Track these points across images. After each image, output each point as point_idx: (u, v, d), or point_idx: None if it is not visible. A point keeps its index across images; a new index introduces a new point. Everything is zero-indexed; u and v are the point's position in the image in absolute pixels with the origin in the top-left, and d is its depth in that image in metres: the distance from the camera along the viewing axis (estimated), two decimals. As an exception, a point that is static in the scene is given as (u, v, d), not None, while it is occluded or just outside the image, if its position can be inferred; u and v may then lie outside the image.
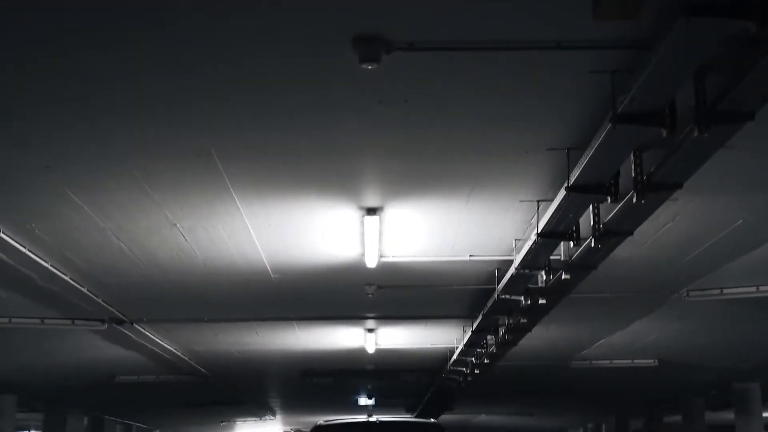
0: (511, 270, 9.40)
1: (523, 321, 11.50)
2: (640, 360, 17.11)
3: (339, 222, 8.57)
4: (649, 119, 5.42)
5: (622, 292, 11.56)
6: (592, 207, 7.59)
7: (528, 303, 10.30)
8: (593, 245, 7.82)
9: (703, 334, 14.68)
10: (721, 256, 9.75)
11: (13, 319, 12.37)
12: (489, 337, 13.70)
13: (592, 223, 7.67)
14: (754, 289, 11.16)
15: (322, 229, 8.84)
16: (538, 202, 7.93)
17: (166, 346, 15.09)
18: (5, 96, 5.90)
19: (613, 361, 17.30)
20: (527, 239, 8.66)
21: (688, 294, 11.49)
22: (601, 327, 14.25)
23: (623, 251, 9.07)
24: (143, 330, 13.65)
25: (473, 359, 15.35)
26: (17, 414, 24.00)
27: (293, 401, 25.34)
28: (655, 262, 10.07)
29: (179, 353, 15.94)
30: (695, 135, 5.40)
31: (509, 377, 19.12)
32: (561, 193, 6.96)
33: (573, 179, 6.61)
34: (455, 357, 15.68)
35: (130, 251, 9.37)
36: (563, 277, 9.00)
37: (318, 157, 7.01)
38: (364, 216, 8.25)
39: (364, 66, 5.10)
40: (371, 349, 15.62)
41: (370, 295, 11.26)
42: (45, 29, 5.07)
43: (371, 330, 14.44)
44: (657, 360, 17.06)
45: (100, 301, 11.59)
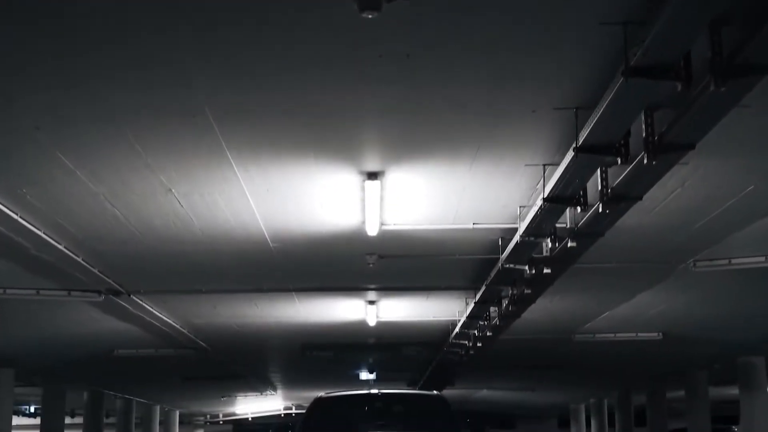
0: (516, 238, 9.17)
1: (527, 292, 11.28)
2: (644, 333, 16.91)
3: (339, 188, 8.33)
4: (663, 72, 5.18)
5: (628, 262, 11.34)
6: (600, 171, 7.34)
7: (532, 273, 10.08)
8: (601, 210, 7.58)
9: (709, 306, 14.48)
10: (731, 223, 9.52)
11: (8, 290, 12.15)
12: (492, 309, 13.50)
13: (600, 188, 7.43)
14: (762, 259, 10.93)
15: (321, 196, 8.61)
16: (544, 166, 7.69)
17: (164, 318, 14.88)
18: (-10, 53, 5.67)
19: (617, 335, 17.10)
20: (532, 206, 8.43)
21: (695, 264, 11.26)
22: (606, 299, 14.04)
23: (631, 219, 8.84)
24: (141, 302, 13.44)
25: (476, 332, 15.15)
26: (16, 388, 23.93)
27: (294, 376, 25.18)
28: (663, 230, 9.84)
29: (178, 326, 15.74)
30: (711, 89, 5.16)
31: (511, 351, 18.94)
32: (569, 155, 6.72)
33: (581, 139, 6.37)
34: (457, 330, 15.49)
35: (124, 218, 9.14)
36: (569, 245, 8.77)
37: (316, 118, 6.77)
38: (364, 181, 8.00)
39: (364, 15, 4.84)
40: (372, 322, 15.41)
41: (371, 265, 11.02)
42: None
43: (372, 302, 14.22)
44: (661, 333, 16.86)
45: (95, 272, 11.37)
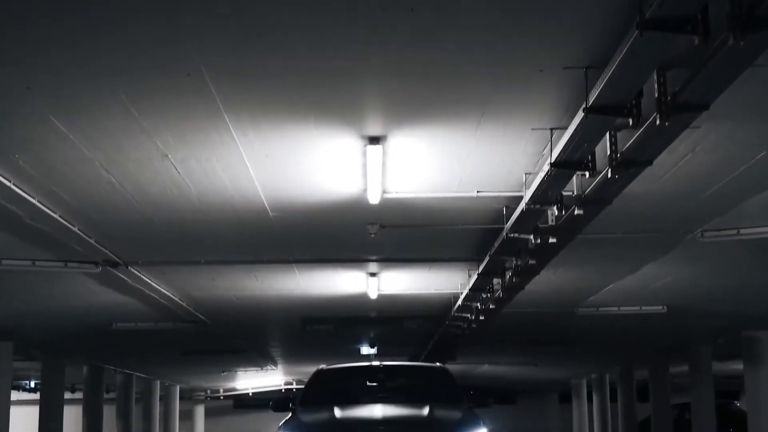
0: (521, 206, 8.95)
1: (532, 263, 11.07)
2: (648, 306, 16.73)
3: (340, 153, 8.10)
4: (680, 26, 4.96)
5: (634, 232, 11.14)
6: (609, 135, 7.13)
7: (537, 242, 9.88)
8: (610, 176, 7.36)
9: (716, 278, 14.28)
10: (741, 191, 9.30)
11: (3, 261, 11.94)
12: (495, 281, 13.31)
13: (609, 152, 7.22)
14: (771, 229, 10.73)
15: (322, 162, 8.38)
16: (551, 130, 7.47)
17: (162, 291, 14.69)
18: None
19: (621, 308, 16.92)
20: (539, 172, 8.21)
21: (702, 234, 11.06)
22: (611, 271, 13.84)
23: (639, 186, 8.64)
24: (138, 273, 13.24)
25: (478, 305, 14.97)
26: (15, 363, 23.79)
27: (294, 350, 25.04)
28: (672, 198, 9.62)
29: (176, 299, 15.55)
30: (730, 43, 4.92)
31: (514, 325, 18.79)
32: (578, 117, 6.50)
33: (592, 100, 6.15)
34: (460, 303, 15.30)
35: (120, 186, 8.92)
36: (576, 213, 8.54)
37: (316, 78, 6.52)
38: (366, 145, 7.77)
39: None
40: (373, 295, 15.21)
41: (372, 235, 10.81)
42: None
43: (374, 274, 14.02)
44: (666, 306, 16.68)
45: (92, 242, 11.17)
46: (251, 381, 33.93)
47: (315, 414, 8.94)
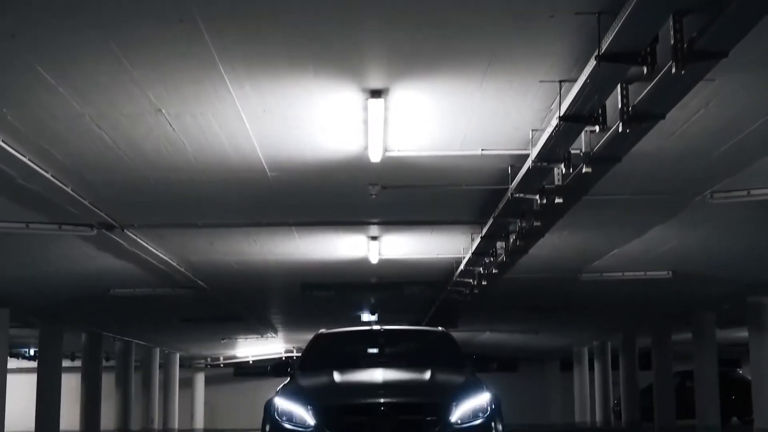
0: (528, 163, 8.67)
1: (537, 224, 10.81)
2: (653, 272, 16.48)
3: (340, 108, 7.80)
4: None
5: (642, 193, 10.87)
6: (620, 87, 6.85)
7: (543, 203, 9.61)
8: (621, 130, 7.09)
9: (723, 242, 14.03)
10: (754, 149, 9.02)
11: (-4, 223, 11.71)
12: (498, 245, 13.06)
13: (620, 106, 6.94)
14: (783, 190, 10.46)
15: (322, 117, 8.08)
16: (560, 82, 7.17)
17: (159, 255, 14.44)
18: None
19: (625, 273, 16.67)
20: (546, 128, 7.92)
21: (712, 196, 10.79)
22: (616, 235, 13.58)
23: (649, 144, 8.38)
24: (135, 237, 12.98)
25: (481, 269, 14.73)
26: (13, 330, 23.59)
27: (294, 317, 24.81)
28: (682, 156, 9.34)
29: (174, 263, 15.30)
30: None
31: (516, 291, 18.55)
32: (589, 66, 6.21)
33: (604, 47, 5.85)
34: (462, 267, 15.05)
35: (113, 142, 8.64)
36: (584, 171, 8.28)
37: (315, 26, 6.23)
38: (367, 99, 7.48)
39: None
40: (374, 260, 14.94)
41: (373, 196, 10.52)
42: None
43: (375, 238, 13.75)
44: (671, 271, 16.43)
45: (86, 203, 10.90)
46: (251, 349, 33.75)
47: (314, 378, 8.67)
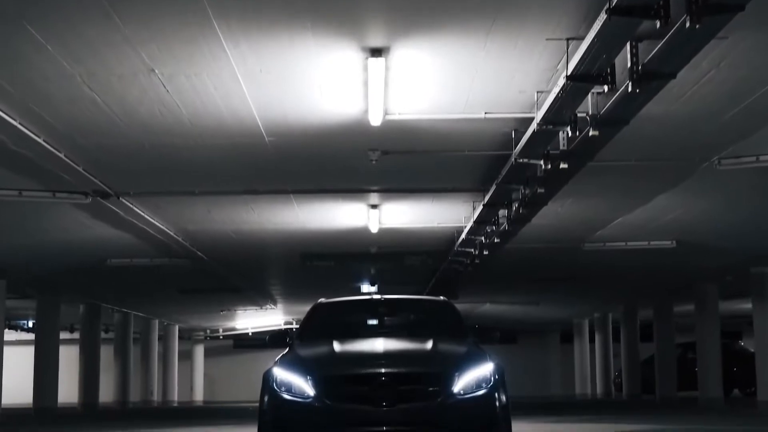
0: (532, 126, 8.43)
1: (540, 191, 10.58)
2: (657, 241, 16.25)
3: (339, 67, 7.55)
4: None
5: (648, 159, 10.63)
6: (630, 46, 6.60)
7: (547, 168, 9.38)
8: (630, 90, 6.85)
9: (729, 210, 13.80)
10: (764, 113, 8.78)
11: (-11, 190, 11.47)
12: (501, 213, 12.83)
13: (629, 65, 6.70)
14: (793, 156, 10.23)
15: (321, 78, 7.83)
16: (567, 40, 6.92)
17: (156, 224, 14.21)
18: None
19: (629, 243, 16.45)
20: (552, 89, 7.68)
21: (719, 162, 10.56)
22: (620, 203, 13.34)
23: (656, 107, 8.15)
24: (130, 205, 12.75)
25: (482, 239, 14.51)
26: (11, 301, 23.42)
27: (294, 289, 24.61)
28: (690, 120, 9.09)
29: (172, 233, 15.08)
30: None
31: (518, 262, 18.35)
32: (599, 20, 5.96)
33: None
34: (463, 236, 14.82)
35: (105, 105, 8.39)
36: (590, 134, 8.05)
37: (314, -22, 5.99)
38: (367, 58, 7.23)
39: None
40: (374, 229, 14.70)
41: (374, 162, 10.27)
42: None
43: (375, 206, 13.50)
44: (675, 241, 16.20)
45: (80, 170, 10.67)
46: (251, 320, 33.60)
47: (313, 348, 8.41)
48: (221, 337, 37.64)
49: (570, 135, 8.30)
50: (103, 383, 26.82)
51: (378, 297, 10.25)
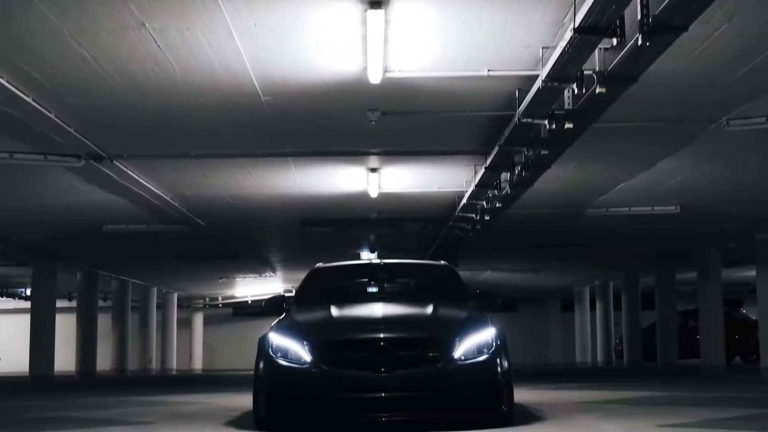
0: (537, 83, 8.16)
1: (544, 153, 10.33)
2: (661, 207, 16.03)
3: (337, 20, 7.27)
4: None
5: (654, 120, 10.37)
6: (639, -3, 6.33)
7: (552, 128, 9.12)
8: (640, 43, 6.57)
9: (734, 175, 13.56)
10: (777, 70, 8.51)
11: (-21, 153, 11.21)
12: (503, 177, 12.58)
13: (639, 17, 6.42)
14: (805, 116, 9.96)
15: (317, 32, 7.55)
16: (575, -9, 6.64)
17: (152, 188, 13.96)
18: None
19: (632, 209, 16.23)
20: (558, 44, 7.40)
21: (728, 123, 10.31)
22: (624, 167, 13.08)
23: (666, 64, 7.90)
24: (125, 168, 12.50)
25: (484, 203, 14.26)
26: (7, 269, 23.25)
27: (293, 256, 24.39)
28: (699, 79, 8.83)
29: (168, 198, 14.83)
30: None
31: (519, 228, 18.14)
32: (610, -33, 5.68)
33: (627, -57, 5.33)
34: (464, 201, 14.57)
35: (95, 62, 8.11)
36: (597, 91, 7.78)
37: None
38: (366, 11, 6.95)
39: None
40: (374, 193, 14.44)
41: (373, 122, 10.00)
42: None
43: (374, 170, 13.23)
44: (679, 206, 15.97)
45: (71, 131, 10.41)
46: (250, 288, 33.44)
47: (310, 313, 8.18)
48: (220, 305, 37.53)
49: (576, 92, 8.02)
50: (102, 352, 26.70)
51: (377, 261, 10.03)
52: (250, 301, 35.71)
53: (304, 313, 8.20)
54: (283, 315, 8.41)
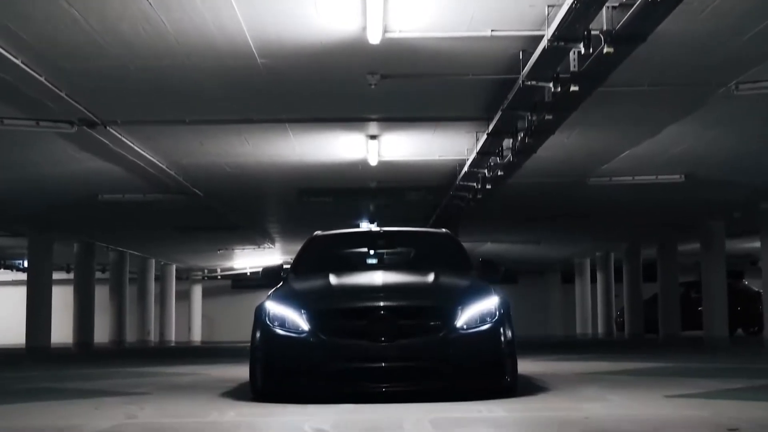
0: (543, 43, 7.89)
1: (548, 118, 10.08)
2: (665, 176, 15.78)
3: (335, -23, 7.01)
4: None
5: (662, 84, 10.10)
6: (651, -50, 6.07)
7: (557, 91, 8.85)
8: (650, 0, 6.31)
9: (741, 142, 13.31)
10: (790, 30, 8.24)
11: (-31, 118, 10.96)
12: (505, 144, 12.33)
13: (650, -29, 6.17)
14: (817, 80, 9.70)
15: (315, -11, 7.28)
16: (583, -56, 6.37)
17: (147, 156, 13.71)
18: None
19: (636, 177, 15.98)
20: (564, 1, 7.13)
21: (737, 87, 10.05)
22: (629, 133, 12.82)
23: (675, 25, 7.64)
24: (119, 135, 12.24)
25: (485, 171, 14.01)
26: (3, 240, 23.07)
27: (292, 227, 24.16)
28: (709, 40, 8.55)
29: (164, 166, 14.58)
30: None
31: (521, 198, 17.91)
32: None
33: None
34: (466, 169, 14.32)
35: (85, 22, 7.84)
36: (605, 51, 7.51)
37: None
38: (365, -34, 6.68)
39: None
40: (374, 162, 14.17)
41: (372, 86, 9.72)
42: None
43: (374, 137, 12.96)
44: (684, 175, 15.72)
45: (63, 95, 10.15)
46: (249, 260, 33.26)
47: (308, 282, 7.93)
48: (219, 277, 37.38)
49: (583, 53, 7.76)
50: (100, 324, 26.54)
51: (377, 229, 9.79)
52: (248, 273, 35.55)
53: (301, 282, 7.97)
54: (281, 283, 8.18)
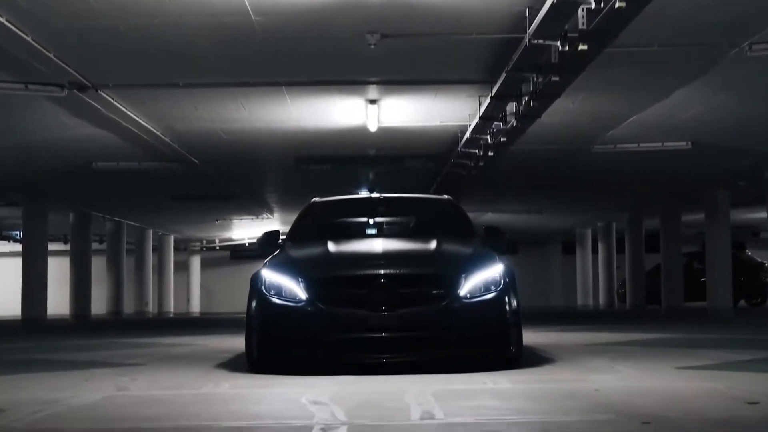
0: (551, -3, 7.53)
1: (554, 79, 9.72)
2: (671, 143, 15.44)
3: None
4: None
5: (672, 45, 9.73)
6: None
7: (565, 50, 8.49)
8: (667, -53, 5.96)
9: (750, 107, 12.98)
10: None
11: (-45, 81, 10.61)
12: (509, 110, 11.98)
13: None
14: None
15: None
16: None
17: (140, 122, 13.36)
18: None
19: (641, 145, 15.64)
20: (575, -48, 6.78)
21: (750, 48, 9.69)
22: (636, 98, 12.47)
23: (689, -22, 7.25)
24: (111, 99, 11.89)
25: (488, 138, 13.67)
26: (1, 211, 22.75)
27: (290, 197, 23.82)
28: (724, -3, 8.21)
29: (158, 133, 14.23)
30: None
31: (523, 166, 17.59)
32: None
33: None
34: (468, 135, 13.97)
35: (72, -24, 7.49)
36: (617, 6, 7.16)
37: None
38: None
39: None
40: (373, 127, 13.79)
41: (372, 46, 9.36)
42: None
43: (373, 101, 12.60)
44: (690, 142, 15.39)
45: (51, 57, 9.79)
46: (247, 231, 32.95)
47: (306, 249, 7.62)
48: (218, 248, 37.10)
49: (594, 7, 7.40)
50: (98, 295, 26.25)
51: (377, 195, 9.47)
52: (247, 244, 35.27)
53: (299, 249, 7.66)
54: (277, 251, 7.85)
